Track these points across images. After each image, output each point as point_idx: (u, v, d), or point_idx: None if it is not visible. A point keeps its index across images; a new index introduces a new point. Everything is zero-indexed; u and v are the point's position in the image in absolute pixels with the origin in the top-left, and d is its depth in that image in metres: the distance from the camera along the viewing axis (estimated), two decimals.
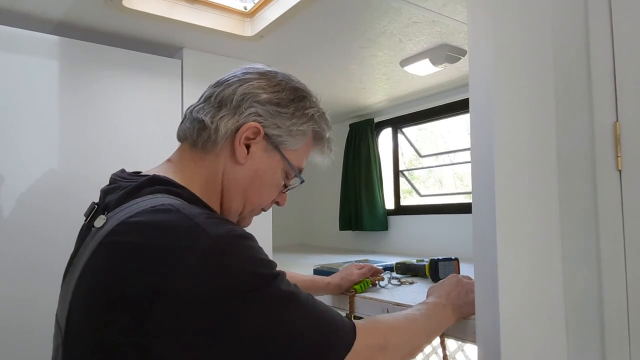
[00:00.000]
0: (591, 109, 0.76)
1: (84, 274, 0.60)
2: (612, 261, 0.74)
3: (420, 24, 1.49)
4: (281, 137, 0.76)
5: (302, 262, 2.00)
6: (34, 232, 1.35)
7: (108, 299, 0.56)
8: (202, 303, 0.54)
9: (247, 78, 0.75)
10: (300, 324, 0.59)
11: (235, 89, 0.74)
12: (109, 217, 0.63)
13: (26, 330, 1.31)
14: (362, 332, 0.64)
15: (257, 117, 0.74)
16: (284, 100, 0.76)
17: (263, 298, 0.57)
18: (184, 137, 0.77)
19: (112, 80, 1.54)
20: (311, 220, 3.22)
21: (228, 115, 0.73)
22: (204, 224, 0.58)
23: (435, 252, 1.93)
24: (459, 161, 2.65)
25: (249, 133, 0.73)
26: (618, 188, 0.74)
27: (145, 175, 0.70)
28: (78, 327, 0.59)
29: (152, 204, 0.61)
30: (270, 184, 0.79)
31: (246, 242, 0.60)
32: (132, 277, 0.55)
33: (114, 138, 1.53)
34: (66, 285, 0.66)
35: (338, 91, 2.28)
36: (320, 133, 0.81)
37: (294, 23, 1.46)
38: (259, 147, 0.75)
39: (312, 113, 0.78)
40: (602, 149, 0.75)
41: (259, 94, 0.74)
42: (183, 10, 1.47)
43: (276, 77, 0.77)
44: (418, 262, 1.33)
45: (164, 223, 0.58)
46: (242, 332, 0.55)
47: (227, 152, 0.74)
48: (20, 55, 1.37)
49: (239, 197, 0.77)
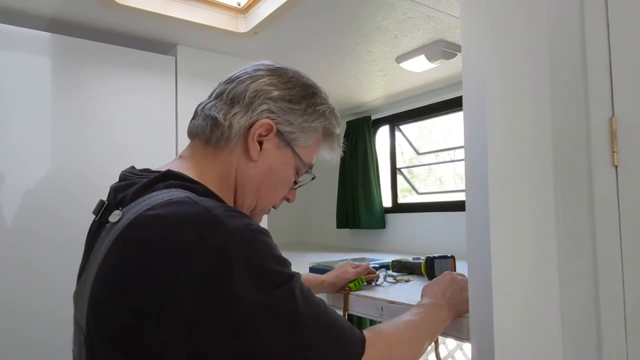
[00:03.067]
0: (587, 104, 0.75)
1: (101, 270, 0.59)
2: (609, 257, 0.73)
3: (415, 20, 1.48)
4: (293, 134, 0.76)
5: (298, 260, 1.99)
6: (30, 231, 1.34)
7: (129, 294, 0.55)
8: (219, 298, 0.53)
9: (259, 75, 0.75)
10: (310, 332, 0.58)
11: (247, 86, 0.74)
12: (125, 211, 0.62)
13: (26, 329, 1.31)
14: (368, 346, 0.63)
15: (270, 114, 0.74)
16: (296, 97, 0.76)
17: (278, 297, 0.56)
18: (196, 134, 0.77)
19: (105, 78, 1.53)
20: (308, 218, 3.21)
21: (241, 112, 0.73)
22: (222, 215, 0.58)
23: (432, 249, 1.93)
24: (459, 160, 2.64)
25: (262, 130, 0.74)
26: (614, 184, 0.73)
27: (158, 171, 0.70)
28: (100, 324, 0.58)
29: (168, 197, 0.61)
30: (282, 181, 0.79)
31: (263, 237, 0.60)
32: (152, 271, 0.54)
33: (107, 135, 1.51)
34: (82, 284, 0.65)
35: (334, 88, 2.27)
36: (330, 129, 0.82)
37: (288, 19, 1.45)
38: (272, 144, 0.75)
39: (323, 109, 0.79)
40: (598, 145, 0.74)
41: (271, 90, 0.74)
42: (177, 7, 1.45)
43: (287, 74, 0.78)
44: (414, 260, 1.32)
45: (182, 215, 0.58)
46: (255, 329, 0.54)
47: (240, 149, 0.74)
48: (12, 53, 1.36)
49: (252, 194, 0.77)
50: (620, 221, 0.72)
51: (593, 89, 0.75)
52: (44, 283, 1.34)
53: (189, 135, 0.79)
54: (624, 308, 0.72)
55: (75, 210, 1.37)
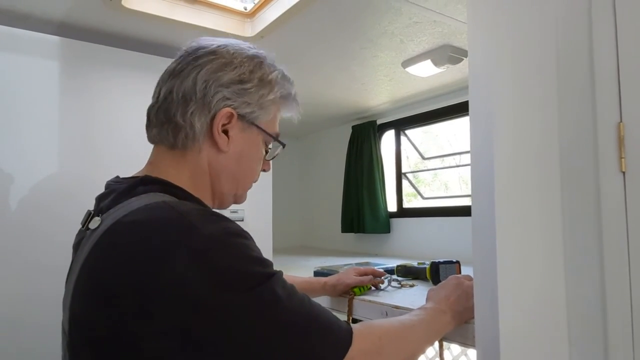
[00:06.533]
0: (594, 110, 0.75)
1: (80, 276, 0.60)
2: (616, 264, 0.72)
3: (422, 24, 1.48)
4: (254, 113, 0.75)
5: (303, 264, 1.99)
6: (35, 233, 1.35)
7: (104, 300, 0.56)
8: (194, 302, 0.53)
9: (201, 63, 0.72)
10: (295, 326, 0.58)
11: (194, 78, 0.71)
12: (104, 218, 0.63)
13: (28, 329, 1.31)
14: (357, 337, 0.62)
15: (227, 101, 0.72)
16: (245, 74, 0.73)
17: (257, 298, 0.56)
18: (159, 141, 0.75)
19: (112, 81, 1.53)
20: (313, 222, 3.20)
21: (198, 108, 0.71)
22: (197, 221, 0.58)
23: (437, 254, 1.92)
24: (465, 165, 2.63)
25: (224, 120, 0.72)
26: (622, 190, 0.72)
27: (136, 177, 0.70)
28: (79, 329, 0.59)
29: (146, 202, 0.62)
30: (256, 160, 0.79)
31: (240, 240, 0.60)
32: (126, 276, 0.55)
33: (114, 138, 1.52)
34: (67, 289, 0.66)
35: (340, 92, 2.27)
36: (285, 94, 0.80)
37: (294, 23, 1.45)
38: (236, 130, 0.74)
39: (273, 78, 0.77)
40: (605, 150, 0.74)
41: (219, 76, 0.71)
42: (183, 11, 1.46)
43: (228, 52, 0.74)
44: (419, 265, 1.31)
45: (157, 221, 0.58)
46: (234, 332, 0.54)
47: (208, 144, 0.73)
48: (20, 56, 1.37)
49: (231, 182, 0.77)
50: (627, 228, 0.72)
51: (601, 95, 0.74)
52: (50, 283, 1.34)
53: (151, 142, 0.78)
54: (632, 316, 0.71)
55: (82, 211, 1.36)
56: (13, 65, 1.36)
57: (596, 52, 0.75)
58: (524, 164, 0.72)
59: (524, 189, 0.72)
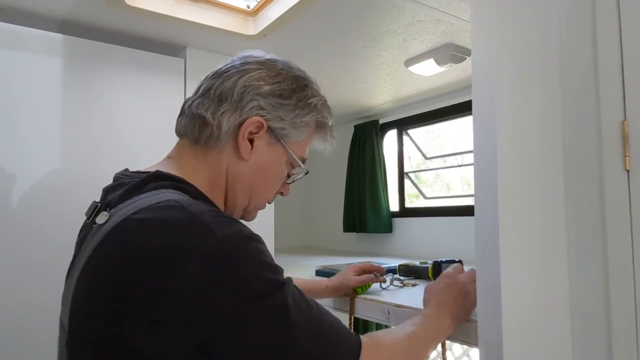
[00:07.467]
0: (598, 108, 0.74)
1: (84, 272, 0.58)
2: (620, 263, 0.72)
3: (425, 23, 1.48)
4: (285, 130, 0.74)
5: (305, 264, 1.99)
6: (37, 231, 1.35)
7: (111, 298, 0.54)
8: (203, 306, 0.52)
9: (247, 69, 0.73)
10: (305, 337, 0.57)
11: (235, 81, 0.72)
12: (112, 213, 0.61)
13: (27, 329, 1.31)
14: (365, 354, 0.61)
15: (260, 111, 0.72)
16: (286, 91, 0.74)
17: (268, 306, 0.55)
18: (184, 133, 0.75)
19: (115, 79, 1.53)
20: (315, 222, 3.20)
21: (230, 110, 0.71)
22: (211, 223, 0.56)
23: (439, 254, 1.92)
24: (467, 165, 2.62)
25: (252, 128, 0.72)
26: (626, 188, 0.72)
27: (148, 172, 0.68)
28: (81, 327, 0.57)
29: (157, 200, 0.59)
30: (275, 177, 0.78)
31: (254, 244, 0.58)
32: (135, 276, 0.53)
33: (116, 137, 1.52)
34: (68, 285, 0.64)
35: (342, 91, 2.26)
36: (322, 122, 0.79)
37: (297, 21, 1.45)
38: (263, 141, 0.73)
39: (314, 102, 0.77)
40: (609, 149, 0.73)
41: (260, 85, 0.72)
42: (186, 9, 1.46)
43: (276, 66, 0.75)
44: (421, 264, 1.31)
45: (169, 221, 0.56)
46: (242, 339, 0.53)
47: (231, 148, 0.72)
48: (23, 53, 1.37)
49: (244, 193, 0.75)
50: (632, 226, 0.71)
51: (605, 93, 0.74)
52: (52, 281, 1.35)
53: (177, 134, 0.77)
54: (635, 314, 0.70)
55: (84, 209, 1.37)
56: (16, 63, 1.36)
57: (600, 50, 0.75)
58: (528, 162, 0.72)
59: (527, 188, 0.72)
